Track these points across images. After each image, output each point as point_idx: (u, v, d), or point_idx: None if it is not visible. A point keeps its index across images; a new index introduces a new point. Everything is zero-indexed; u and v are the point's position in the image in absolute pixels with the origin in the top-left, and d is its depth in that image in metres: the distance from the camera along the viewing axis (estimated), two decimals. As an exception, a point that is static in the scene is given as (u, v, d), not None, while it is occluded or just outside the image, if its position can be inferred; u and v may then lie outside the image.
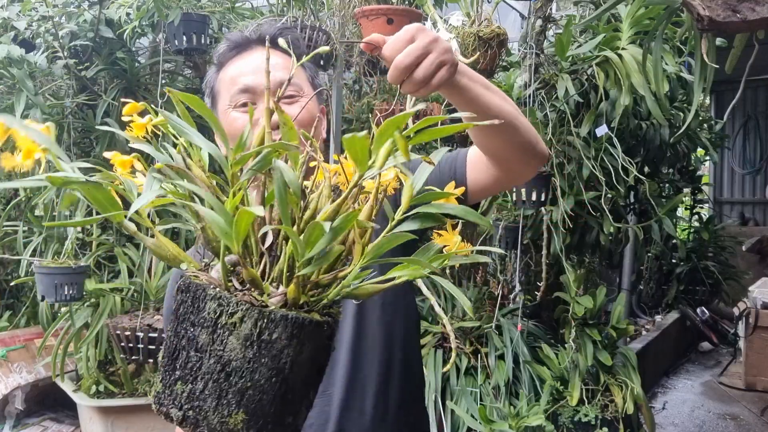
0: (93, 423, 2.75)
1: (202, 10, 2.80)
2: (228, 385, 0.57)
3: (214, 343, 0.57)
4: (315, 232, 0.56)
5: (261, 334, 0.57)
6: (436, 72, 0.80)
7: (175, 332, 0.60)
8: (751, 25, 1.01)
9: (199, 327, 0.58)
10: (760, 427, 3.87)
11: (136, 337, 2.44)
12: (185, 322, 0.59)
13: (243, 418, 0.57)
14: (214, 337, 0.57)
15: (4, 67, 2.52)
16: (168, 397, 0.59)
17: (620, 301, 3.19)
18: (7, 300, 3.71)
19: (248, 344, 0.57)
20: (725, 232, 6.04)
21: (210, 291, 0.58)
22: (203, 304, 0.58)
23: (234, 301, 0.57)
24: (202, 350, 0.57)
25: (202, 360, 0.57)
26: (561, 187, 2.78)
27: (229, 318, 0.57)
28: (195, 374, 0.58)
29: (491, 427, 2.48)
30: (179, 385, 0.58)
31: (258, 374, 0.57)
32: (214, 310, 0.57)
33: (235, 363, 0.57)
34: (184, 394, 0.58)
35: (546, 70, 2.81)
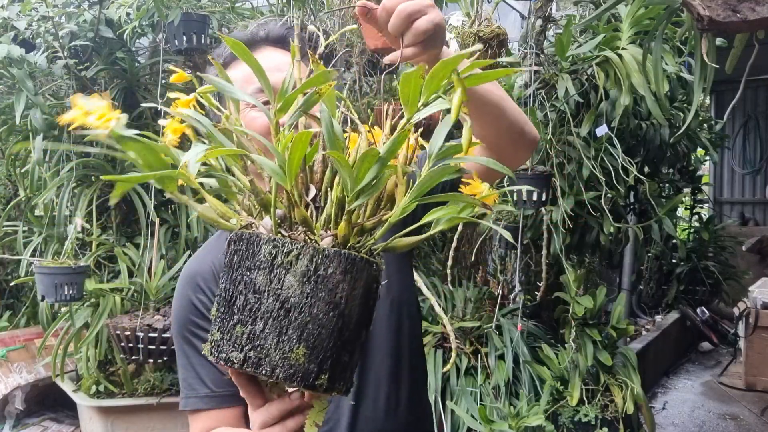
0: (93, 423, 2.75)
1: (202, 10, 2.80)
2: (288, 321, 0.60)
3: (271, 283, 0.60)
4: (367, 159, 0.59)
5: (317, 269, 0.60)
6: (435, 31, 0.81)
7: (231, 280, 0.62)
8: (752, 25, 1.01)
9: (255, 270, 0.60)
10: (760, 427, 3.87)
11: (136, 337, 2.44)
12: (240, 268, 0.61)
13: (304, 352, 0.60)
14: (271, 277, 0.60)
15: (4, 67, 2.52)
16: (227, 342, 0.61)
17: (620, 301, 3.19)
18: (7, 300, 3.71)
19: (305, 280, 0.60)
20: (725, 232, 6.04)
21: (264, 236, 0.61)
22: (258, 248, 0.60)
23: (288, 241, 0.60)
24: (260, 291, 0.60)
25: (261, 300, 0.60)
26: (561, 187, 2.78)
27: (285, 257, 0.60)
28: (254, 315, 0.60)
29: (491, 427, 2.48)
30: (238, 328, 0.60)
31: (316, 308, 0.60)
32: (270, 252, 0.60)
33: (293, 299, 0.60)
34: (244, 335, 0.60)
35: (546, 69, 2.81)
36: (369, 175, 0.60)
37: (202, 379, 1.00)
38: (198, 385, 1.00)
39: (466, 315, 3.10)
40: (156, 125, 2.86)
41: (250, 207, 0.67)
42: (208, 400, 0.99)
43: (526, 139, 1.00)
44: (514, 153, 1.02)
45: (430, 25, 0.79)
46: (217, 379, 0.99)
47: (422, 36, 0.80)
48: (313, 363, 0.60)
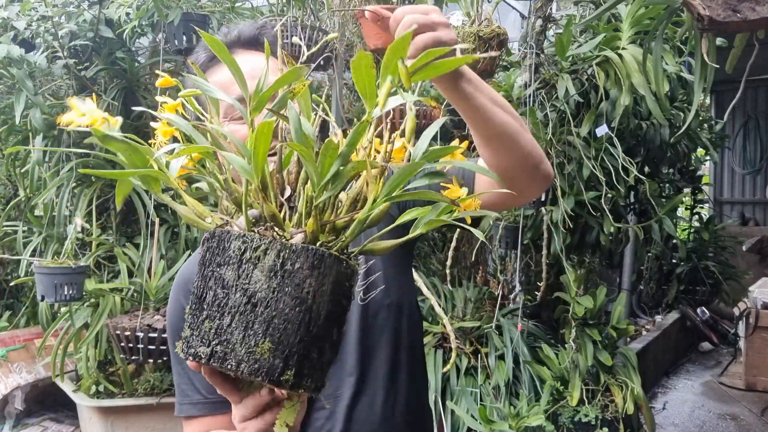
0: (93, 423, 2.75)
1: (202, 10, 2.80)
2: (254, 315, 0.60)
3: (239, 278, 0.60)
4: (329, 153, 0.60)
5: (284, 264, 0.61)
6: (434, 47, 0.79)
7: (202, 276, 0.63)
8: (752, 25, 1.01)
9: (225, 266, 0.61)
10: (760, 427, 3.87)
11: (135, 337, 2.44)
12: (211, 264, 0.62)
13: (269, 347, 0.60)
14: (239, 272, 0.60)
15: (4, 67, 2.52)
16: (196, 338, 0.61)
17: (620, 301, 3.18)
18: (7, 300, 3.71)
19: (272, 275, 0.60)
20: (725, 232, 6.04)
21: (234, 232, 0.62)
22: (228, 244, 0.61)
23: (257, 237, 0.61)
24: (228, 287, 0.61)
25: (229, 295, 0.61)
26: (561, 187, 2.78)
27: (253, 252, 0.60)
28: (222, 310, 0.61)
29: (491, 428, 2.48)
30: (207, 323, 0.61)
31: (282, 303, 0.60)
32: (239, 247, 0.61)
33: (260, 294, 0.60)
34: (211, 330, 0.61)
35: (546, 69, 2.81)
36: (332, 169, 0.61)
37: (195, 385, 1.00)
38: (191, 392, 1.00)
39: (466, 315, 3.10)
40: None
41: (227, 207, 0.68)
42: (201, 407, 1.00)
43: (540, 174, 0.98)
44: (526, 186, 0.99)
45: (431, 41, 0.78)
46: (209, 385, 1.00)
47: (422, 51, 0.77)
48: (278, 358, 0.60)
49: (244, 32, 1.04)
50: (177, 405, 1.02)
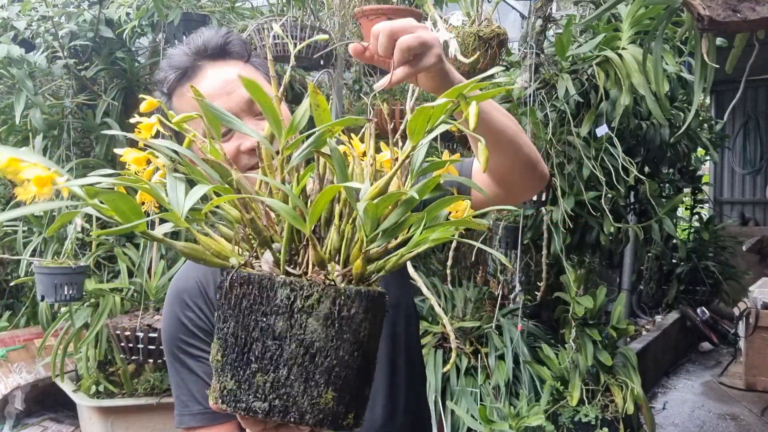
0: (93, 423, 2.75)
1: (202, 9, 2.80)
2: (314, 366, 0.58)
3: (293, 328, 0.58)
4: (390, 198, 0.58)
5: (341, 311, 0.58)
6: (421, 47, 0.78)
7: (242, 326, 0.59)
8: (752, 25, 1.01)
9: (273, 315, 0.58)
10: (760, 427, 3.87)
11: (136, 337, 2.44)
12: (254, 313, 0.59)
13: (332, 395, 0.59)
14: (292, 322, 0.58)
15: (4, 67, 2.52)
16: (246, 392, 0.59)
17: (620, 301, 3.18)
18: (7, 300, 3.71)
19: (329, 323, 0.58)
20: (725, 232, 6.04)
21: (277, 278, 0.58)
22: (273, 292, 0.58)
23: (306, 284, 0.58)
24: (280, 338, 0.58)
25: (282, 347, 0.58)
26: (561, 187, 2.78)
27: (305, 301, 0.58)
28: (276, 362, 0.58)
29: (491, 428, 2.48)
30: (259, 377, 0.58)
31: (342, 350, 0.59)
32: (288, 296, 0.58)
33: (318, 344, 0.58)
34: (266, 384, 0.58)
35: (546, 69, 2.81)
36: (392, 218, 0.59)
37: (195, 396, 1.00)
38: (191, 403, 1.00)
39: (466, 315, 3.09)
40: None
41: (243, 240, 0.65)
42: (201, 417, 0.99)
43: (536, 176, 0.98)
44: (522, 187, 1.00)
45: (415, 42, 0.76)
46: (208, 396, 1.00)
47: (407, 53, 0.76)
48: (341, 404, 0.59)
49: (210, 43, 0.99)
50: (177, 417, 1.01)
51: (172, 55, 1.01)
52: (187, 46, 1.00)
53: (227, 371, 0.60)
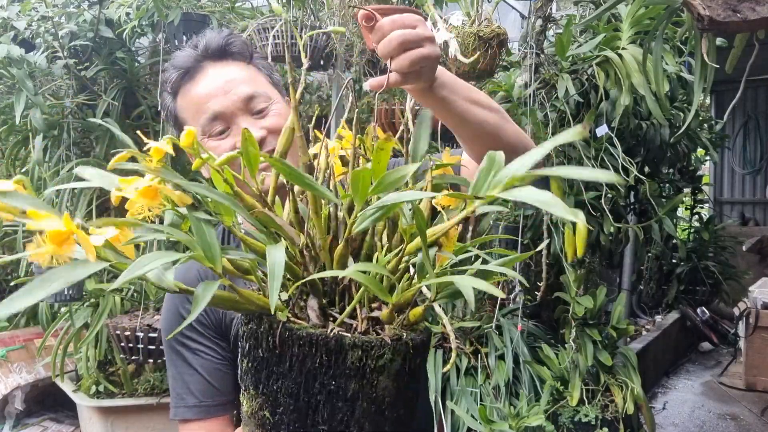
0: (93, 423, 2.75)
1: (202, 9, 2.80)
2: (384, 419, 0.57)
3: (364, 389, 0.56)
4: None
5: (411, 365, 0.58)
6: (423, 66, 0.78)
7: (305, 389, 0.56)
8: (752, 25, 1.01)
9: (343, 378, 0.55)
10: (760, 427, 3.87)
11: (136, 337, 2.44)
12: (320, 376, 0.55)
13: None
14: (363, 383, 0.56)
15: (4, 67, 2.52)
16: None
17: (620, 301, 3.18)
18: (7, 300, 3.71)
19: (400, 378, 0.57)
20: (725, 232, 6.04)
21: (347, 340, 0.55)
22: (343, 355, 0.55)
23: (377, 343, 0.56)
24: (352, 399, 0.56)
25: (354, 407, 0.56)
26: (561, 187, 2.78)
27: (376, 361, 0.55)
28: (348, 423, 0.56)
29: (491, 428, 2.48)
30: None
31: (406, 398, 0.59)
32: (359, 358, 0.55)
33: (389, 399, 0.57)
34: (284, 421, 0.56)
35: (546, 69, 2.81)
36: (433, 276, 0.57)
37: (190, 389, 1.01)
38: (186, 395, 1.01)
39: (466, 315, 3.09)
40: (156, 125, 2.85)
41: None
42: (196, 410, 1.00)
43: None
44: None
45: (418, 59, 0.77)
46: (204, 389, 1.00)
47: (407, 68, 0.77)
48: None
49: (211, 44, 1.01)
50: (172, 408, 1.02)
51: (176, 56, 1.04)
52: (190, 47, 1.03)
53: (282, 431, 0.58)
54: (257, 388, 0.59)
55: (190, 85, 1.01)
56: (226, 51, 1.02)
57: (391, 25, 0.77)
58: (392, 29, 0.76)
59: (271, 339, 0.56)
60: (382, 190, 0.54)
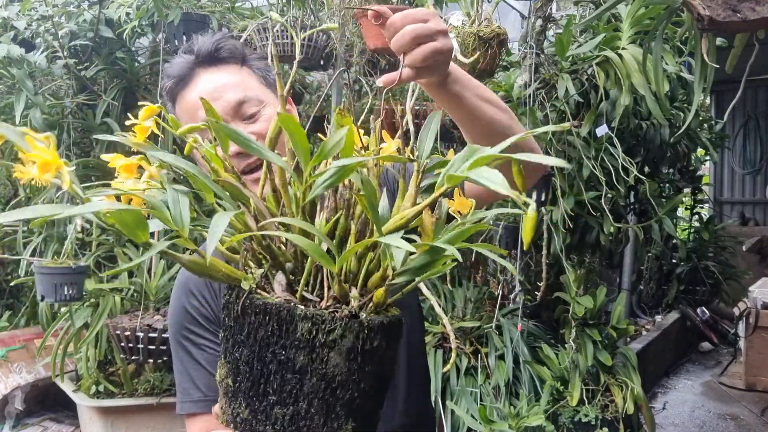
0: (93, 423, 2.75)
1: (202, 9, 2.80)
2: (335, 399, 0.56)
3: (314, 363, 0.56)
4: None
5: (364, 345, 0.56)
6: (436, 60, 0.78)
7: (259, 357, 0.57)
8: (752, 25, 1.01)
9: (293, 349, 0.56)
10: (760, 427, 3.87)
11: (136, 337, 2.44)
12: (272, 346, 0.56)
13: (353, 426, 0.58)
14: (313, 356, 0.56)
15: (4, 67, 2.52)
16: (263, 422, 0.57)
17: (620, 301, 3.18)
18: (7, 300, 3.71)
19: (352, 357, 0.56)
20: (725, 232, 6.04)
21: (297, 311, 0.56)
22: (293, 325, 0.55)
23: (329, 317, 0.56)
24: (301, 371, 0.56)
25: (303, 381, 0.56)
26: (561, 187, 2.78)
27: (327, 336, 0.55)
28: (296, 396, 0.56)
29: (491, 428, 2.48)
30: (278, 409, 0.56)
31: (364, 383, 0.57)
32: (309, 330, 0.55)
33: (340, 377, 0.56)
34: (286, 417, 0.56)
35: (546, 69, 2.81)
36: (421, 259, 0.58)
37: (196, 383, 1.02)
38: (192, 390, 1.02)
39: (466, 315, 3.09)
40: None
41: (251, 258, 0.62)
42: (201, 404, 1.01)
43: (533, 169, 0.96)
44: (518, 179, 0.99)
45: (431, 53, 0.77)
46: (209, 383, 1.01)
47: (420, 63, 0.77)
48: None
49: (202, 50, 1.02)
50: (179, 403, 1.03)
51: (171, 64, 1.05)
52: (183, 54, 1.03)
53: (240, 399, 0.58)
54: (225, 355, 0.60)
55: (185, 92, 1.02)
56: (216, 56, 1.02)
57: (403, 20, 0.77)
58: (404, 24, 0.76)
59: (236, 308, 0.58)
60: (324, 157, 0.56)
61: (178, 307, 1.05)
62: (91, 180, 2.92)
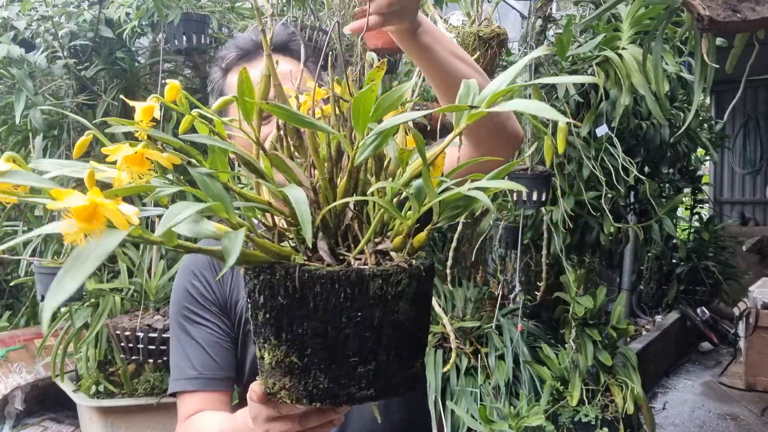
0: (93, 423, 2.75)
1: (201, 9, 2.80)
2: (407, 342, 0.61)
3: (387, 315, 0.59)
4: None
5: (421, 287, 0.61)
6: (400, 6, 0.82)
7: (333, 326, 0.58)
8: (752, 25, 1.01)
9: (368, 308, 0.58)
10: (760, 427, 3.87)
11: (136, 337, 2.44)
12: (347, 310, 0.58)
13: (420, 362, 0.63)
14: (387, 310, 0.59)
15: (4, 67, 2.52)
16: (347, 386, 0.59)
17: (620, 301, 3.18)
18: (7, 300, 3.71)
19: (415, 301, 0.61)
20: (725, 232, 6.04)
21: (366, 271, 0.58)
22: (365, 286, 0.57)
23: (395, 270, 0.59)
24: (378, 327, 0.58)
25: (380, 335, 0.59)
26: (561, 187, 2.78)
27: (396, 287, 0.58)
28: (376, 351, 0.59)
29: (491, 428, 2.48)
30: (361, 368, 0.59)
31: (423, 320, 0.63)
32: (380, 286, 0.58)
33: (408, 322, 0.60)
34: (370, 373, 0.59)
35: (546, 69, 2.81)
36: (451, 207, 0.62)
37: (191, 361, 1.02)
38: (187, 368, 1.02)
39: (466, 315, 3.09)
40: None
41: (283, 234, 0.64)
42: (195, 382, 1.01)
43: (507, 133, 0.99)
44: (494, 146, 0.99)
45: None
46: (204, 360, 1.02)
47: (386, 9, 0.80)
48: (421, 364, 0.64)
49: (276, 37, 1.06)
50: (172, 382, 1.04)
51: (238, 37, 1.09)
52: (256, 34, 1.08)
53: (315, 371, 0.59)
54: (279, 336, 0.59)
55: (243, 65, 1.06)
56: (287, 47, 1.07)
57: None
58: None
59: (290, 284, 0.57)
60: (383, 113, 0.57)
61: (180, 289, 1.07)
62: (91, 180, 2.91)
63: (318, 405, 0.59)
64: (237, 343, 1.07)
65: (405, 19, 0.84)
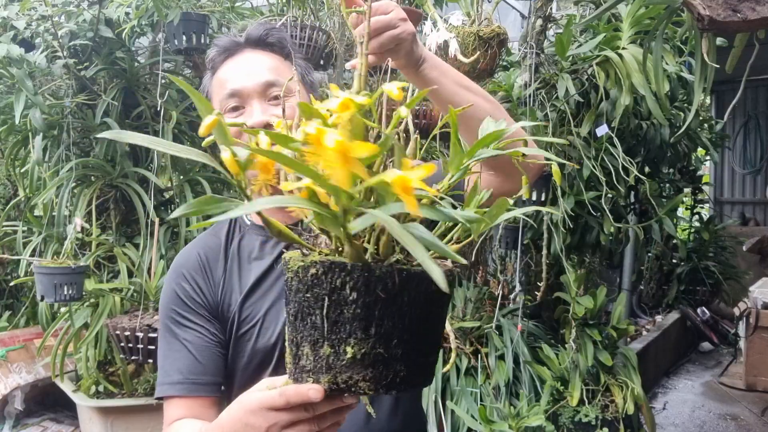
0: (92, 423, 2.75)
1: (201, 9, 2.80)
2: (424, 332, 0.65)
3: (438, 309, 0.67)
4: None
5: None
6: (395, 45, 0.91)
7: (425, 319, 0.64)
8: (752, 25, 1.01)
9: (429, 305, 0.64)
10: (760, 427, 3.87)
11: (135, 337, 2.44)
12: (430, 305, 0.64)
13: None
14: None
15: (4, 67, 2.51)
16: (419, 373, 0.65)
17: (620, 301, 3.18)
18: (7, 300, 3.71)
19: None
20: (726, 232, 6.03)
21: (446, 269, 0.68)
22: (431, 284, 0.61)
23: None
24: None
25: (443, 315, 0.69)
26: (561, 187, 2.78)
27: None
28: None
29: (491, 428, 2.47)
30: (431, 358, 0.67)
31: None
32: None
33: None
34: (433, 363, 0.68)
35: (546, 69, 2.81)
36: None
37: (177, 365, 1.01)
38: (172, 372, 1.02)
39: (466, 315, 3.09)
40: (155, 125, 2.85)
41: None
42: (179, 387, 1.00)
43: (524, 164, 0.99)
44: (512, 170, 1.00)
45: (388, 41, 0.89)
46: (191, 365, 1.01)
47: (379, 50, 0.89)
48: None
49: (251, 33, 1.10)
50: (157, 387, 1.03)
51: (221, 37, 1.14)
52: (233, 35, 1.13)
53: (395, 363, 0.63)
54: (367, 331, 0.62)
55: (225, 64, 1.10)
56: (264, 41, 1.10)
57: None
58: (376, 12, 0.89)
59: (390, 281, 0.61)
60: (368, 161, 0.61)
61: (168, 292, 1.07)
62: (90, 180, 2.92)
63: (394, 393, 0.64)
64: (228, 348, 1.05)
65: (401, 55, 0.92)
